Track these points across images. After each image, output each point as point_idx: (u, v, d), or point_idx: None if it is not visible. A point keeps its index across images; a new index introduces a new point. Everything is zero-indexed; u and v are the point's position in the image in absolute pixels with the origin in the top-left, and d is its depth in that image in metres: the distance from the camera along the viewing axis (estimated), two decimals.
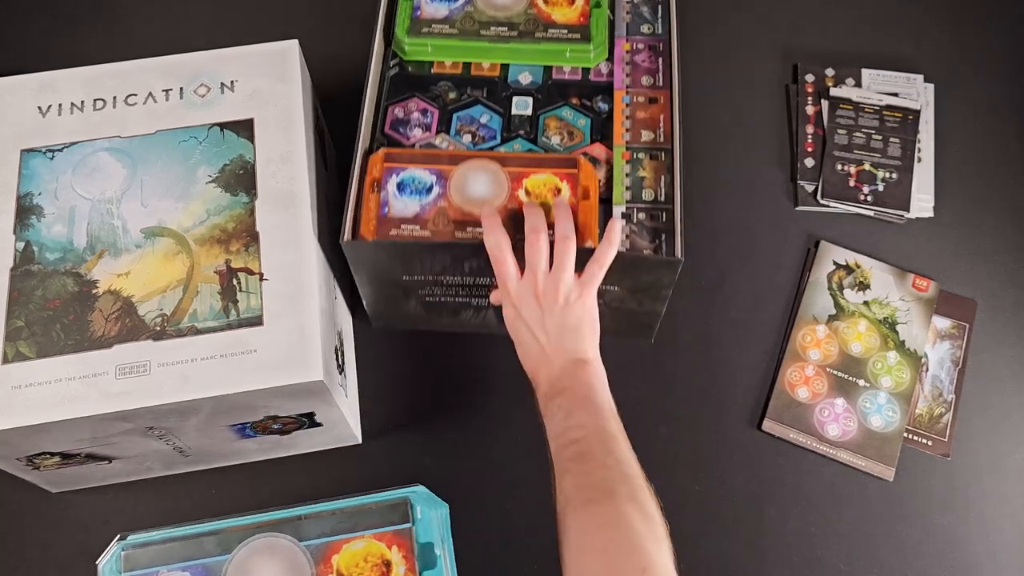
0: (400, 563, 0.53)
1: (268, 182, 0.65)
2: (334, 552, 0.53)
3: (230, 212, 0.64)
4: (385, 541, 0.53)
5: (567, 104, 0.73)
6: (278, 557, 0.53)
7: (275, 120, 0.68)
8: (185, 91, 0.68)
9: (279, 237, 0.63)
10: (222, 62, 0.70)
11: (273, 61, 0.70)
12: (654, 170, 0.70)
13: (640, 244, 0.66)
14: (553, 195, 0.66)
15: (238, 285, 0.62)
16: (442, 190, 0.67)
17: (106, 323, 0.60)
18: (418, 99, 0.73)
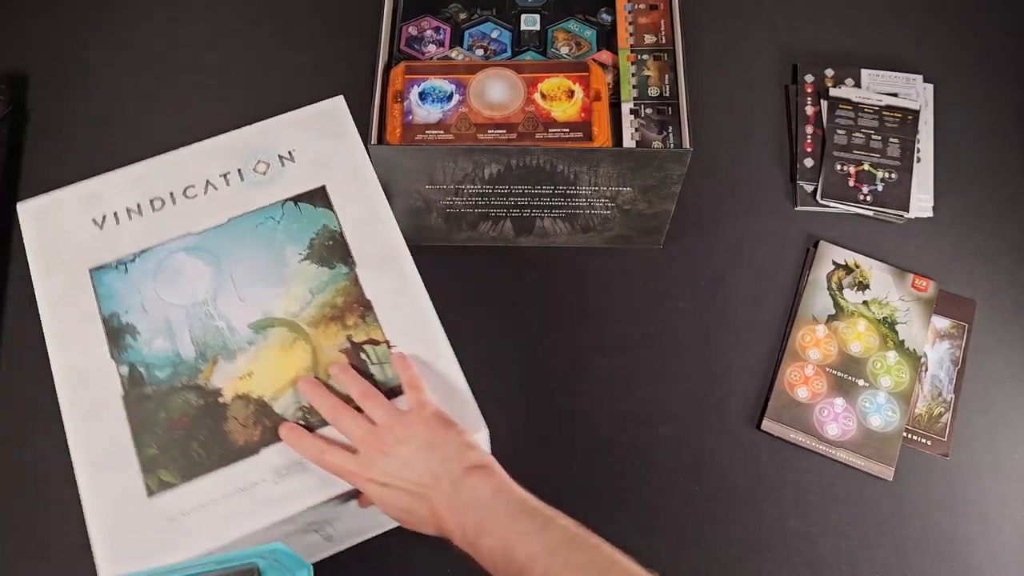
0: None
1: (363, 247, 0.62)
2: None
3: (334, 286, 0.61)
4: None
5: (573, 18, 0.77)
6: None
7: (346, 181, 0.65)
8: (244, 171, 0.65)
9: (392, 299, 0.61)
10: (272, 133, 0.67)
11: (324, 122, 0.67)
12: (658, 69, 0.76)
13: (649, 137, 0.72)
14: (567, 97, 0.72)
15: (368, 358, 0.59)
16: (462, 97, 0.74)
17: (245, 429, 0.56)
18: (430, 18, 0.77)
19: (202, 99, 0.89)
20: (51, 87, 0.90)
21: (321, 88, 0.89)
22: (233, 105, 0.89)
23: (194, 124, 0.88)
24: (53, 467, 0.72)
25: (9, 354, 0.77)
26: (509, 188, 0.74)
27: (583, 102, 0.75)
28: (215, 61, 0.91)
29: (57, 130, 0.87)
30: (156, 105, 0.89)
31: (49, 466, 0.72)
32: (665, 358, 0.77)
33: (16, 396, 0.75)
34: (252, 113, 0.88)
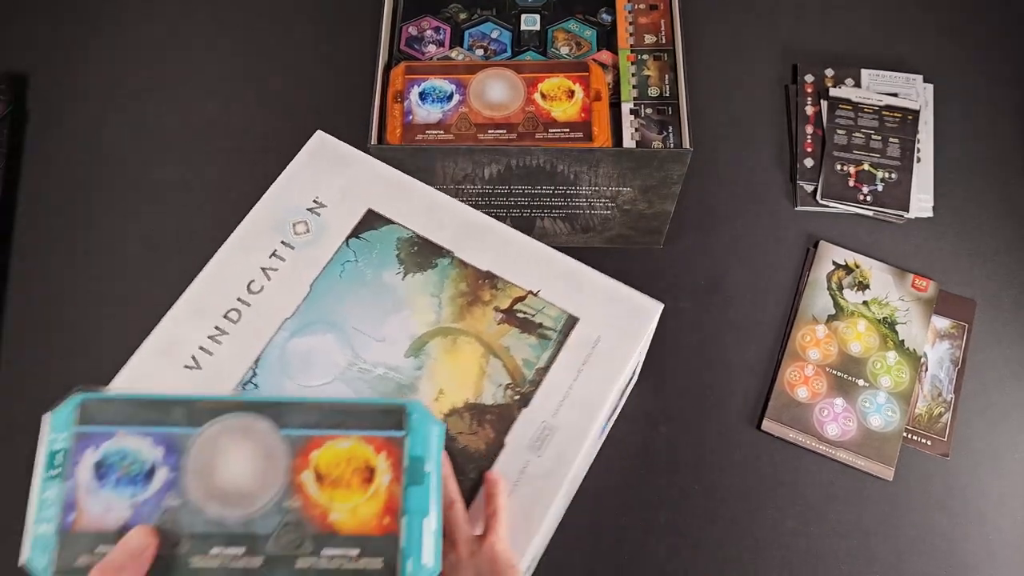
0: (386, 472, 0.47)
1: (442, 233, 0.64)
2: (315, 447, 0.47)
3: (448, 278, 0.62)
4: (373, 445, 0.47)
5: (573, 18, 0.78)
6: (252, 440, 0.47)
7: (382, 193, 0.65)
8: (289, 240, 0.64)
9: (501, 255, 0.62)
10: (285, 196, 0.66)
11: (321, 160, 0.67)
12: (658, 69, 0.76)
13: (649, 137, 0.72)
14: (567, 97, 0.72)
15: (527, 314, 0.61)
16: (462, 97, 0.73)
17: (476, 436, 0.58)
18: (430, 19, 0.78)
19: (202, 99, 0.89)
20: (51, 87, 0.90)
21: (321, 88, 0.89)
22: (233, 105, 0.89)
23: (194, 124, 0.88)
24: None
25: (9, 354, 0.77)
26: (509, 188, 0.74)
27: (583, 102, 0.75)
28: (215, 61, 0.91)
29: (57, 130, 0.88)
30: (156, 105, 0.89)
31: None
32: (665, 358, 0.77)
33: (16, 396, 0.75)
34: (252, 112, 0.88)
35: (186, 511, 0.45)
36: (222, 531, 0.45)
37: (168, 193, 0.84)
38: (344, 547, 0.46)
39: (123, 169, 0.85)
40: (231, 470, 0.47)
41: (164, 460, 0.46)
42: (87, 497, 0.46)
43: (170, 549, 0.44)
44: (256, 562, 0.45)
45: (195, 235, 0.82)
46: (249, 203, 0.83)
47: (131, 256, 0.81)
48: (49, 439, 0.47)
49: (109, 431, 0.47)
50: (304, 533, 0.45)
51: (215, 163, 0.85)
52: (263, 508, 0.46)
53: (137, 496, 0.46)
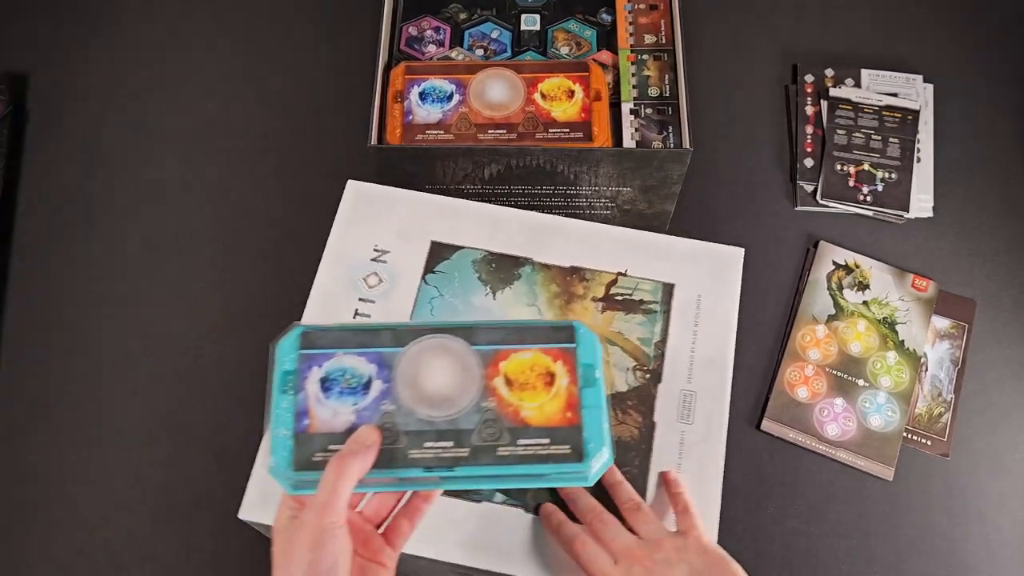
0: (563, 375, 0.54)
1: (509, 243, 0.67)
2: (502, 359, 0.55)
3: (537, 284, 0.65)
4: (550, 355, 0.55)
5: (573, 18, 0.78)
6: (450, 354, 0.55)
7: (444, 225, 0.67)
8: (365, 294, 0.65)
9: (574, 245, 0.66)
10: (344, 254, 0.66)
11: (361, 208, 0.68)
12: (658, 69, 0.76)
13: (649, 137, 0.72)
14: (567, 97, 0.72)
15: (625, 294, 0.64)
16: (462, 97, 0.74)
17: None
18: (430, 18, 0.78)
19: (202, 99, 0.89)
20: (51, 87, 0.90)
21: (321, 88, 0.89)
22: (233, 105, 0.89)
23: (194, 124, 0.88)
24: (53, 467, 0.73)
25: (9, 354, 0.77)
26: (509, 188, 0.74)
27: (583, 102, 0.75)
28: (215, 61, 0.91)
29: (57, 130, 0.88)
30: (156, 105, 0.89)
31: (49, 466, 0.73)
32: None
33: (16, 396, 0.75)
34: (252, 112, 0.88)
35: (400, 414, 0.53)
36: (432, 428, 0.52)
37: (168, 193, 0.84)
38: (536, 437, 0.53)
39: (123, 169, 0.85)
40: (435, 380, 0.54)
41: (378, 374, 0.54)
42: (317, 406, 0.53)
43: (391, 444, 0.52)
44: (464, 452, 0.52)
45: (195, 235, 0.82)
46: (249, 203, 0.84)
47: (131, 256, 0.81)
48: (279, 362, 0.55)
49: (329, 353, 0.54)
50: (501, 427, 0.53)
51: (215, 163, 0.85)
52: (465, 409, 0.53)
53: (358, 403, 0.53)
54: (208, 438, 0.73)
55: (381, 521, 0.53)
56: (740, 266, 0.66)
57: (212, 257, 0.81)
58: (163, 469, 0.72)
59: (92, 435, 0.73)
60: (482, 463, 0.52)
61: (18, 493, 0.72)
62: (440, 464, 0.52)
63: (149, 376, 0.76)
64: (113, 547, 0.70)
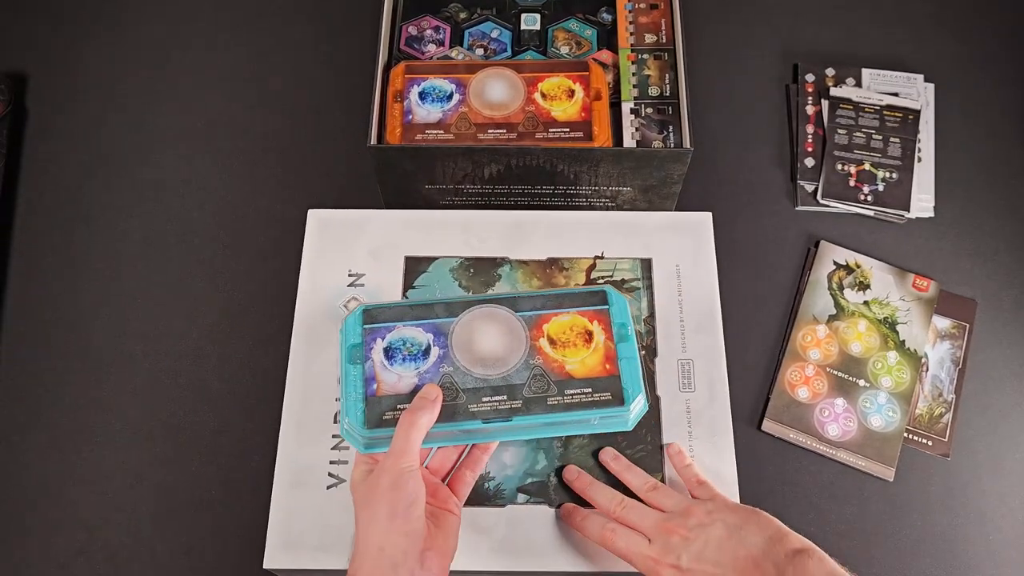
0: (600, 333, 0.61)
1: (486, 245, 0.69)
2: (544, 322, 0.61)
3: (516, 281, 0.68)
4: (587, 317, 0.62)
5: (573, 17, 0.78)
6: (498, 321, 0.62)
7: (415, 238, 0.69)
8: (342, 316, 0.66)
9: (555, 237, 0.69)
10: (318, 284, 0.68)
11: (327, 235, 0.70)
12: (659, 69, 0.76)
13: (649, 137, 0.72)
14: (567, 96, 0.73)
15: (605, 275, 0.68)
16: (462, 97, 0.74)
17: None
18: (430, 18, 0.78)
19: (202, 99, 0.89)
20: (51, 87, 0.90)
21: (321, 87, 0.89)
22: (233, 105, 0.89)
23: (194, 124, 0.88)
24: (52, 467, 0.73)
25: (9, 354, 0.77)
26: (509, 188, 0.74)
27: (583, 102, 0.74)
28: (215, 61, 0.91)
29: (57, 130, 0.88)
30: (156, 105, 0.89)
31: (48, 466, 0.73)
32: None
33: (16, 396, 0.75)
34: (252, 112, 0.88)
35: (458, 374, 0.59)
36: (487, 385, 0.59)
37: (168, 193, 0.84)
38: (580, 387, 0.59)
39: (122, 169, 0.85)
40: (487, 343, 0.61)
41: (434, 342, 0.60)
42: (383, 372, 0.59)
43: (452, 400, 0.58)
44: (517, 404, 0.58)
45: (195, 235, 0.82)
46: (249, 203, 0.83)
47: (130, 256, 0.81)
48: (347, 337, 0.60)
49: (390, 326, 0.61)
50: (548, 380, 0.59)
51: (215, 163, 0.85)
52: (515, 367, 0.60)
53: (420, 367, 0.60)
54: (208, 438, 0.73)
55: (446, 474, 0.59)
56: (711, 229, 0.70)
57: (212, 257, 0.81)
58: (163, 469, 0.72)
59: (92, 435, 0.73)
60: (534, 412, 0.58)
61: (18, 493, 0.72)
62: (497, 416, 0.58)
63: (149, 376, 0.76)
64: (113, 547, 0.70)
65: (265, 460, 0.65)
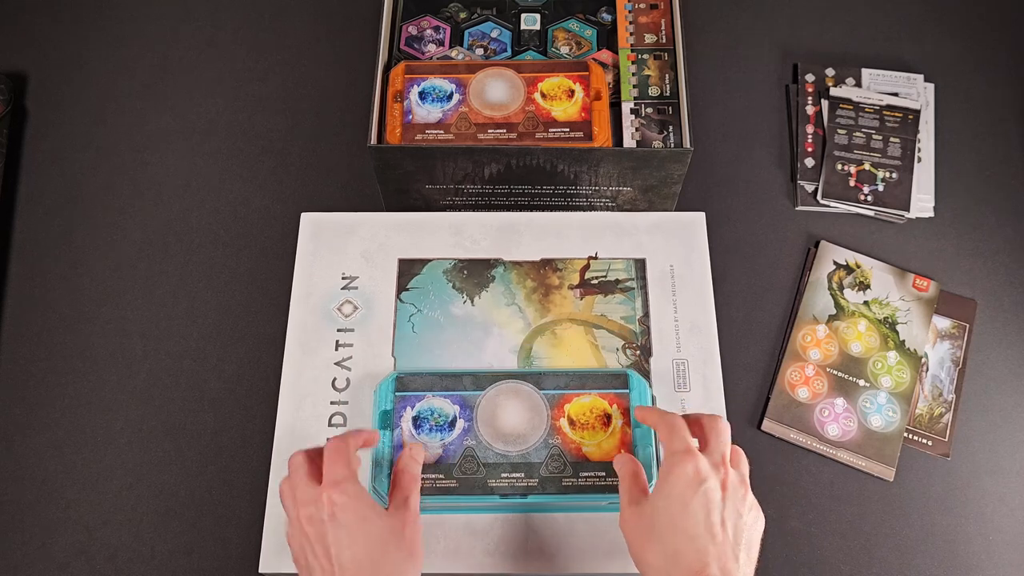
0: (618, 417, 0.62)
1: (479, 247, 0.70)
2: (566, 402, 0.63)
3: (510, 283, 0.69)
4: (607, 400, 0.63)
5: (573, 17, 0.78)
6: (521, 397, 0.63)
7: (408, 240, 0.70)
8: (342, 324, 0.67)
9: (549, 238, 0.70)
10: (313, 286, 0.69)
11: (320, 238, 0.71)
12: (659, 69, 0.76)
13: (649, 137, 0.72)
14: (567, 96, 0.73)
15: (599, 275, 0.68)
16: (462, 96, 0.74)
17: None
18: (430, 18, 0.78)
19: (201, 99, 0.89)
20: (51, 87, 0.90)
21: (321, 87, 0.89)
22: (233, 105, 0.89)
23: (194, 124, 0.88)
24: (52, 467, 0.73)
25: (9, 354, 0.77)
26: (509, 188, 0.74)
27: (583, 102, 0.74)
28: (215, 61, 0.91)
29: (57, 130, 0.87)
30: (156, 105, 0.89)
31: (48, 466, 0.73)
32: None
33: (16, 396, 0.75)
34: (252, 112, 0.88)
35: (480, 448, 0.62)
36: (507, 461, 0.61)
37: (168, 193, 0.84)
38: (595, 470, 0.61)
39: (122, 169, 0.85)
40: (509, 419, 0.63)
41: (460, 414, 0.63)
42: (410, 440, 0.62)
43: (473, 473, 0.61)
44: (533, 482, 0.61)
45: (195, 235, 0.82)
46: (249, 203, 0.83)
47: (130, 256, 0.81)
48: (379, 403, 0.63)
49: (420, 395, 0.63)
50: (565, 461, 0.61)
51: (215, 163, 0.85)
52: (534, 444, 0.62)
53: (445, 439, 0.62)
54: (207, 438, 0.73)
55: None
56: (704, 230, 0.70)
57: (212, 257, 0.81)
58: (163, 469, 0.72)
59: (91, 435, 0.73)
60: (548, 492, 0.60)
61: (17, 493, 0.72)
62: (514, 492, 0.60)
63: (148, 376, 0.76)
64: (113, 547, 0.69)
65: (264, 461, 0.65)
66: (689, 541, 0.48)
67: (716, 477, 0.50)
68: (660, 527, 0.49)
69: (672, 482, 0.50)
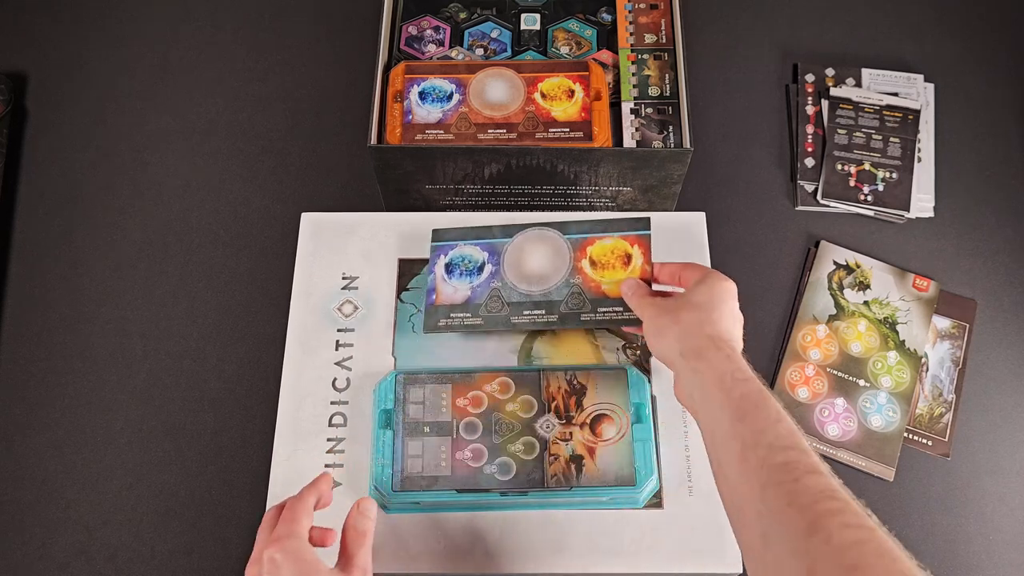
0: (638, 256, 0.65)
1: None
2: (589, 244, 0.66)
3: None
4: (628, 241, 0.66)
5: (573, 17, 0.78)
6: (546, 242, 0.67)
7: (408, 240, 0.71)
8: (343, 324, 0.67)
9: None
10: (314, 286, 0.69)
11: (320, 238, 0.71)
12: (659, 69, 0.76)
13: (649, 137, 0.72)
14: (567, 96, 0.74)
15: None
16: (462, 97, 0.74)
17: None
18: (430, 18, 0.77)
19: (201, 99, 0.89)
20: (51, 87, 0.90)
21: (321, 88, 0.89)
22: (233, 105, 0.89)
23: (194, 124, 0.88)
24: (52, 467, 0.73)
25: (9, 354, 0.77)
26: (509, 188, 0.74)
27: (583, 102, 0.74)
28: (215, 61, 0.91)
29: (57, 130, 0.87)
30: (156, 105, 0.89)
31: (48, 466, 0.73)
32: None
33: (16, 396, 0.75)
34: (252, 112, 0.88)
35: (505, 288, 0.66)
36: (530, 300, 0.65)
37: (168, 193, 0.84)
38: (612, 306, 0.64)
39: (122, 169, 0.85)
40: (534, 262, 0.66)
41: (488, 260, 0.67)
42: (442, 284, 0.67)
43: (497, 312, 0.65)
44: (553, 318, 0.64)
45: (195, 235, 0.82)
46: (249, 203, 0.83)
47: (130, 256, 0.81)
48: (379, 401, 0.64)
49: (452, 244, 0.68)
50: (585, 299, 0.64)
51: (215, 163, 0.85)
52: (556, 284, 0.65)
53: (474, 282, 0.66)
54: (207, 438, 0.73)
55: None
56: (704, 230, 0.72)
57: (212, 257, 0.81)
58: (163, 469, 0.72)
59: (91, 435, 0.73)
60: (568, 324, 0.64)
61: (17, 493, 0.72)
62: (515, 487, 0.60)
63: (148, 376, 0.76)
64: (113, 547, 0.70)
65: (264, 461, 0.65)
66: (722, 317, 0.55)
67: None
68: (698, 301, 0.55)
69: (713, 282, 0.56)
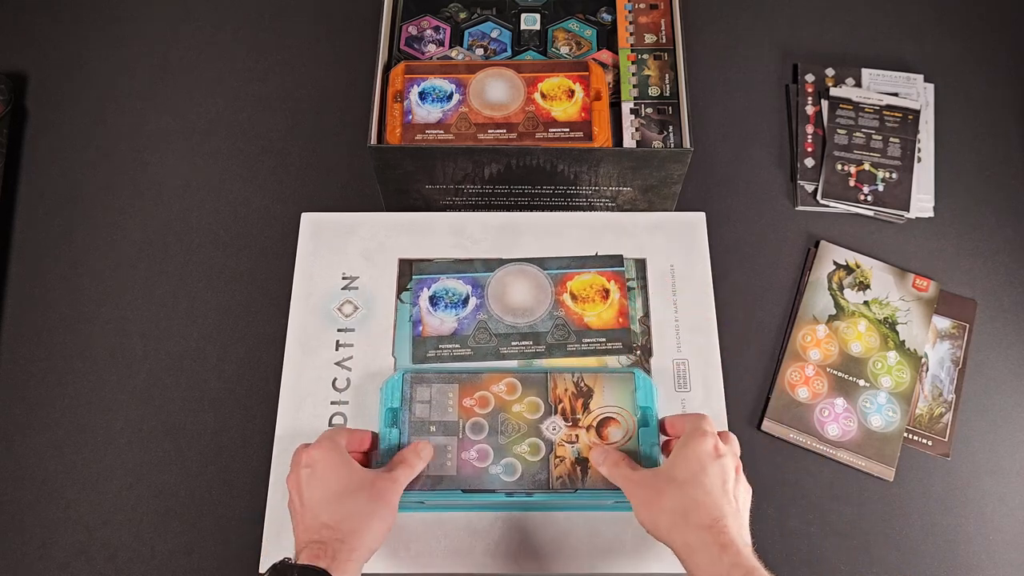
0: (616, 291, 0.67)
1: (479, 247, 0.71)
2: (568, 279, 0.68)
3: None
4: (605, 277, 0.68)
5: (573, 17, 0.78)
6: (528, 277, 0.69)
7: (408, 240, 0.71)
8: (343, 324, 0.67)
9: (549, 237, 0.72)
10: (314, 286, 0.69)
11: (320, 238, 0.71)
12: (659, 69, 0.76)
13: (649, 137, 0.73)
14: (567, 96, 0.74)
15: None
16: (462, 97, 0.74)
17: None
18: (430, 18, 0.78)
19: (201, 99, 0.89)
20: (51, 87, 0.90)
21: (321, 88, 0.89)
22: (233, 105, 0.89)
23: (194, 124, 0.88)
24: (52, 467, 0.73)
25: (8, 354, 0.77)
26: (509, 188, 0.74)
27: (583, 102, 0.74)
28: (215, 61, 0.91)
29: (57, 130, 0.87)
30: (156, 105, 0.89)
31: (48, 466, 0.73)
32: None
33: (16, 396, 0.75)
34: (252, 112, 0.88)
35: (492, 320, 0.67)
36: (516, 331, 0.67)
37: (168, 193, 0.84)
38: (596, 337, 0.66)
39: (122, 169, 0.85)
40: (517, 295, 0.68)
41: (473, 293, 0.68)
42: (428, 316, 0.67)
43: (486, 343, 0.66)
44: (541, 348, 0.66)
45: (195, 235, 0.82)
46: (249, 203, 0.83)
47: (130, 256, 0.81)
48: (385, 400, 0.64)
49: (435, 278, 0.68)
50: (569, 330, 0.67)
51: (215, 163, 0.85)
52: (541, 317, 0.67)
53: (460, 314, 0.68)
54: (207, 438, 0.73)
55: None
56: (704, 230, 0.72)
57: (212, 257, 0.81)
58: (163, 469, 0.72)
59: (91, 435, 0.73)
60: (555, 355, 0.66)
61: (17, 493, 0.72)
62: (519, 489, 0.61)
63: (148, 376, 0.76)
64: (113, 547, 0.70)
65: (264, 461, 0.65)
66: (707, 494, 0.54)
67: (730, 456, 0.57)
68: (681, 479, 0.54)
69: (692, 447, 0.55)
